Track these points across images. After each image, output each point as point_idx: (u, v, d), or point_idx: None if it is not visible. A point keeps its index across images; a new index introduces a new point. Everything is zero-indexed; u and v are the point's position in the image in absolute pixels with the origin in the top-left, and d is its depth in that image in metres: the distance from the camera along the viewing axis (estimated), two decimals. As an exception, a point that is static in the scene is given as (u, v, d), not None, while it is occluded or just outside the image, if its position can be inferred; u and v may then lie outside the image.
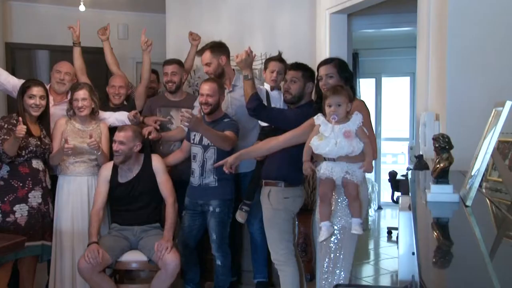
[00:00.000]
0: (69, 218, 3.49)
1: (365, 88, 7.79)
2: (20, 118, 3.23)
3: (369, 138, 2.56)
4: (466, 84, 2.73)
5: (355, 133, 2.50)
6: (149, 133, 3.62)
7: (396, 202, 5.31)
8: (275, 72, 3.50)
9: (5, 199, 3.27)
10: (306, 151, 2.64)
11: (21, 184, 3.31)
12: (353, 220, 2.62)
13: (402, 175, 5.13)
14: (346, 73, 2.86)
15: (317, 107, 2.85)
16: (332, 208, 2.67)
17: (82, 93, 3.52)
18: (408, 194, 1.98)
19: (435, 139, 1.87)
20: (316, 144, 2.54)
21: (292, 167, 3.07)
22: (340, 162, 2.55)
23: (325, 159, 2.58)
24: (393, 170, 5.50)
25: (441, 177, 1.78)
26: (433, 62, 3.11)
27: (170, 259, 3.21)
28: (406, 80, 7.82)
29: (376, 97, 7.90)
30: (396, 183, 5.36)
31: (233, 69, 3.89)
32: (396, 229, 5.34)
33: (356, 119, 2.53)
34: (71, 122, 3.59)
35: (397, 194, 5.37)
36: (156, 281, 3.26)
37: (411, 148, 5.22)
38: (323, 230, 2.65)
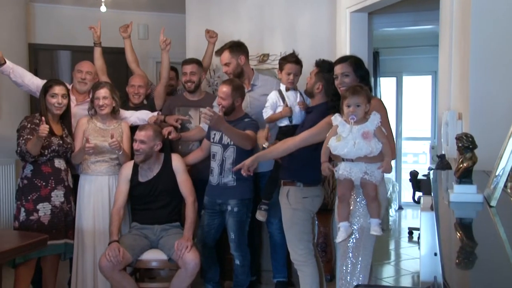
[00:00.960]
0: (90, 217, 3.54)
1: (386, 87, 7.73)
2: (43, 118, 3.28)
3: (387, 138, 2.53)
4: (490, 83, 2.67)
5: (373, 133, 2.47)
6: (169, 133, 3.64)
7: (417, 202, 5.24)
8: (291, 74, 3.41)
9: (29, 197, 3.33)
10: (324, 152, 2.61)
11: (44, 183, 3.36)
12: (371, 220, 2.60)
13: (424, 175, 5.07)
14: (362, 71, 2.81)
15: (332, 105, 2.83)
16: (351, 208, 2.65)
17: (103, 92, 3.56)
18: (430, 194, 1.95)
19: (459, 138, 1.84)
20: (334, 145, 2.52)
21: (310, 166, 3.04)
22: (359, 162, 2.52)
23: (343, 159, 2.56)
24: (414, 170, 5.44)
25: (465, 177, 1.75)
26: (455, 60, 3.06)
27: (190, 258, 3.22)
28: (428, 78, 7.73)
29: (397, 96, 7.82)
30: (417, 183, 5.30)
31: (252, 69, 3.89)
32: (417, 229, 5.28)
33: (374, 119, 2.49)
34: (92, 121, 3.63)
35: (418, 194, 5.31)
36: (176, 280, 3.28)
37: (432, 148, 5.15)
38: (341, 231, 2.63)
